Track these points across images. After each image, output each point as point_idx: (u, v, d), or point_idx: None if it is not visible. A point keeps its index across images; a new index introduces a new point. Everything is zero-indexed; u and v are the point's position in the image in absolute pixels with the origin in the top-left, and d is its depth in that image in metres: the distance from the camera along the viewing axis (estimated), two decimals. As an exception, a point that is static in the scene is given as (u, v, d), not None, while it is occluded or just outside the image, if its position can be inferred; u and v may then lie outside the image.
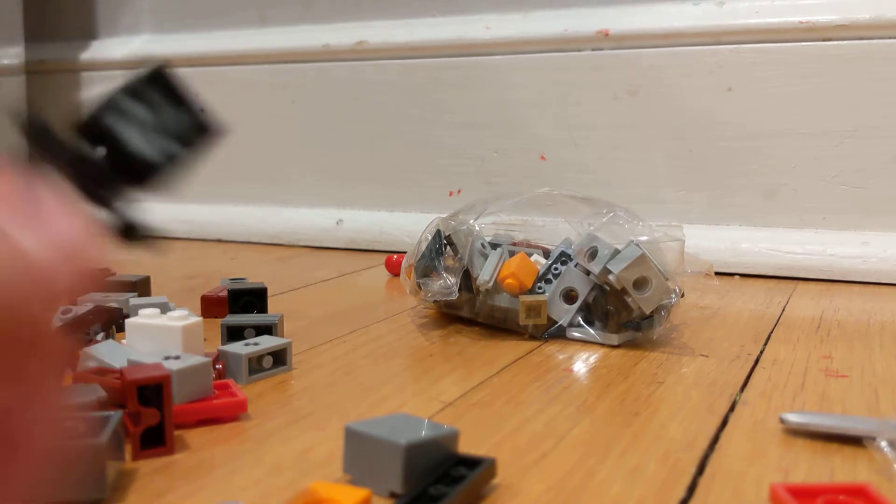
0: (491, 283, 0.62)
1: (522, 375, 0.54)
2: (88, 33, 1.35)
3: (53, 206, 0.18)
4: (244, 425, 0.45)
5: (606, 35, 0.98)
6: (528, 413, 0.47)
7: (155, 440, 0.41)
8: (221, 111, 1.10)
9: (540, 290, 0.63)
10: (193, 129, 0.21)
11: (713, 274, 0.65)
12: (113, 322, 0.61)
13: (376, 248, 1.09)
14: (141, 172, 0.21)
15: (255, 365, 0.53)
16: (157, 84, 0.21)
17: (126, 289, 0.72)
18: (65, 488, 0.26)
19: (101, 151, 0.20)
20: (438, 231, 0.66)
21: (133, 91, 0.21)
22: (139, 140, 0.20)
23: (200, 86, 1.30)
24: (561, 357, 0.59)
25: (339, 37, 1.14)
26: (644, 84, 0.98)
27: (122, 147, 0.20)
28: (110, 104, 0.20)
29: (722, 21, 0.94)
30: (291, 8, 1.18)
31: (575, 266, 0.63)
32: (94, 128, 0.20)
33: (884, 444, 0.40)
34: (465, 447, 0.40)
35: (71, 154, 0.20)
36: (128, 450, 0.40)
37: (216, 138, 0.21)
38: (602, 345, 0.61)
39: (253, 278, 0.77)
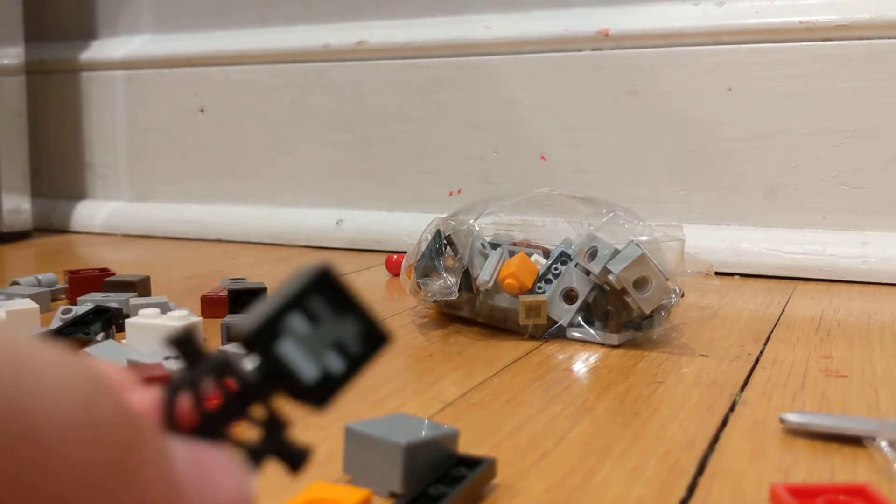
0: (491, 283, 0.62)
1: (522, 375, 0.54)
2: (88, 33, 1.35)
3: (205, 454, 0.17)
4: (244, 425, 0.45)
5: (606, 35, 0.98)
6: (528, 413, 0.47)
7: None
8: (221, 111, 1.09)
9: (540, 290, 0.63)
10: (360, 341, 0.20)
11: (713, 274, 0.65)
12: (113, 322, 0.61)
13: (376, 248, 1.09)
14: (303, 393, 0.19)
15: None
16: (322, 290, 0.19)
17: (126, 289, 0.72)
18: None
19: (256, 369, 0.19)
20: (438, 231, 0.66)
21: (296, 301, 0.19)
22: (300, 359, 0.19)
23: (200, 86, 1.29)
24: (561, 357, 0.59)
25: (339, 37, 1.14)
26: (644, 84, 0.98)
27: (283, 367, 0.19)
28: (271, 318, 0.19)
29: (722, 21, 0.94)
30: (291, 8, 1.18)
31: (575, 266, 0.63)
32: (253, 346, 0.19)
33: (884, 444, 0.40)
34: (465, 447, 0.40)
35: (219, 368, 0.19)
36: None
37: (384, 347, 0.20)
38: (602, 345, 0.61)
39: (253, 278, 0.77)
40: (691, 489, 0.37)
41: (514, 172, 1.05)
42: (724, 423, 0.46)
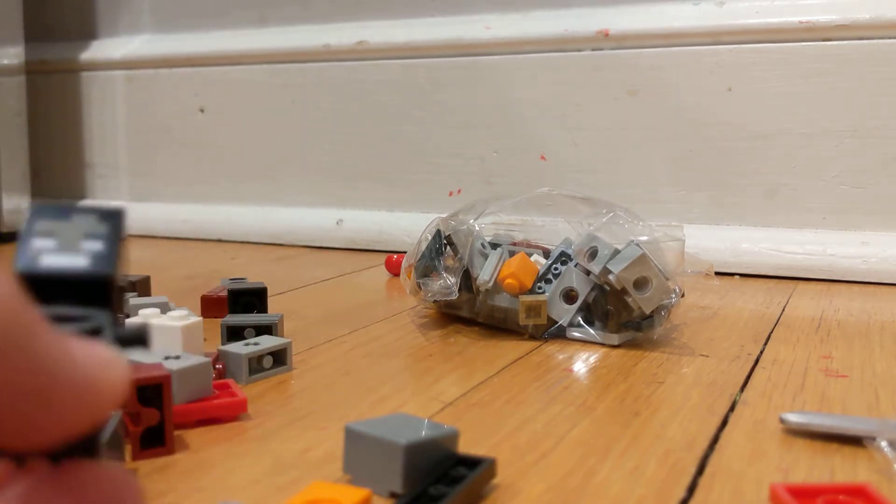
0: (491, 283, 0.62)
1: (522, 375, 0.54)
2: (88, 33, 1.35)
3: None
4: (244, 425, 0.45)
5: (606, 35, 0.98)
6: (528, 413, 0.47)
7: (155, 440, 0.41)
8: (221, 111, 1.09)
9: (540, 290, 0.63)
10: (101, 224, 0.22)
11: (713, 274, 0.65)
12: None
13: (376, 248, 1.09)
14: (88, 276, 0.22)
15: (255, 365, 0.53)
16: (43, 213, 0.22)
17: (126, 289, 0.72)
18: None
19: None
20: (438, 231, 0.66)
21: (28, 230, 0.22)
22: (66, 261, 0.22)
23: (200, 86, 1.29)
24: (561, 357, 0.59)
25: (339, 37, 1.14)
26: (644, 84, 0.98)
27: (55, 274, 0.21)
28: (25, 245, 0.22)
29: (722, 21, 0.94)
30: (291, 8, 1.18)
31: (575, 266, 0.63)
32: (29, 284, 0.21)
33: (884, 444, 0.40)
34: (465, 447, 0.40)
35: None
36: (128, 450, 0.40)
37: (123, 218, 0.23)
38: (602, 345, 0.61)
39: (253, 278, 0.77)
40: (691, 489, 0.37)
41: (514, 172, 1.05)
42: (724, 423, 0.46)
